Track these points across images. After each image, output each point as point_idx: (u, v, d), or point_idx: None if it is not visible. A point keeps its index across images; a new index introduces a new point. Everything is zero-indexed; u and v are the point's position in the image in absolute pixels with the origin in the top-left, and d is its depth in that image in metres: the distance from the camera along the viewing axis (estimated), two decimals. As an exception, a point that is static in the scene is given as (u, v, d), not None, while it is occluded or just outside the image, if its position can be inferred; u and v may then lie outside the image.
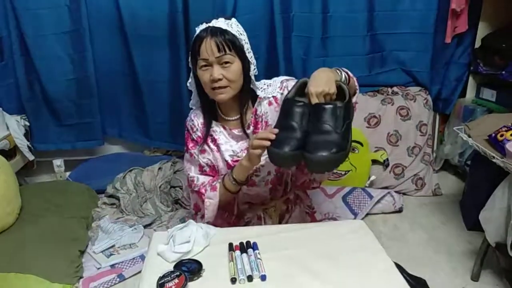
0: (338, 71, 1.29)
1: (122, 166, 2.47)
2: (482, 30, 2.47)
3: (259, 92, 1.39)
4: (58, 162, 2.66)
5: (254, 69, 1.36)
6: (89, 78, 2.46)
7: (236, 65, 1.29)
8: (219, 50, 1.24)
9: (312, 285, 0.98)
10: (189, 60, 1.34)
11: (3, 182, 1.87)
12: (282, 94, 1.39)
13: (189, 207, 2.25)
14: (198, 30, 1.29)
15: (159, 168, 2.42)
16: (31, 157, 2.45)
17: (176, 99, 2.54)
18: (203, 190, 1.38)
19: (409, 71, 2.54)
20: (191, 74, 1.36)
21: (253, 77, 1.36)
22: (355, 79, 1.36)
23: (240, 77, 1.31)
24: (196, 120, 1.43)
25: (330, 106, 1.14)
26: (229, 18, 1.31)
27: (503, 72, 2.30)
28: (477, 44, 2.51)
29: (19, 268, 1.65)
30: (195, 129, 1.42)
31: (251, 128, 1.39)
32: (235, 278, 0.99)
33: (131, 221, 2.17)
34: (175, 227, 1.18)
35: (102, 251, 1.91)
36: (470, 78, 2.61)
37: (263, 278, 0.99)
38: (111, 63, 2.52)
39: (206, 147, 1.41)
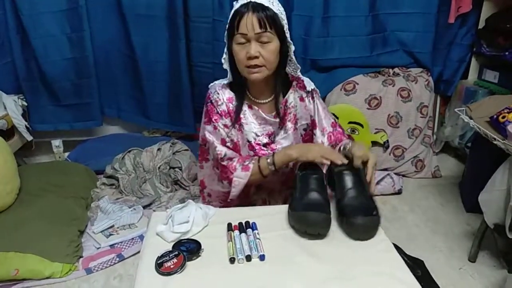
0: None
1: (121, 147, 2.46)
2: (486, 10, 2.44)
3: (298, 72, 1.37)
4: (56, 143, 2.65)
5: (293, 49, 1.32)
6: (87, 58, 2.44)
7: (274, 44, 1.24)
8: (260, 27, 1.20)
9: (310, 265, 0.98)
10: (225, 34, 1.28)
11: (1, 162, 1.86)
12: (310, 102, 1.40)
13: (188, 187, 2.26)
14: (237, 4, 1.24)
15: (158, 149, 2.41)
16: (29, 137, 2.44)
17: (175, 80, 2.51)
18: (232, 168, 1.33)
19: (411, 52, 2.51)
20: (225, 50, 1.30)
21: (293, 57, 1.33)
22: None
23: (276, 58, 1.27)
24: (222, 94, 1.36)
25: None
26: None
27: (507, 53, 2.28)
28: (481, 24, 2.47)
29: (18, 247, 1.66)
30: (220, 103, 1.35)
31: (278, 117, 1.37)
32: (233, 258, 0.99)
33: (130, 201, 2.17)
34: (174, 207, 1.17)
35: (101, 231, 1.91)
36: (473, 59, 2.59)
37: (261, 258, 0.99)
38: (109, 43, 2.49)
39: (229, 123, 1.36)
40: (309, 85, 1.40)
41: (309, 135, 1.44)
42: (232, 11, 1.25)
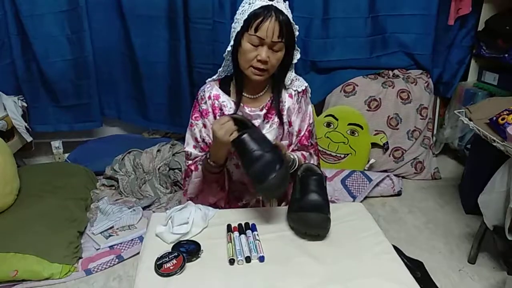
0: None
1: (121, 148, 2.46)
2: (486, 12, 2.44)
3: (288, 78, 1.39)
4: (56, 144, 2.65)
5: (298, 55, 1.35)
6: (87, 59, 2.43)
7: (282, 53, 1.27)
8: (278, 36, 1.21)
9: (310, 266, 0.98)
10: (234, 26, 1.26)
11: (1, 163, 1.86)
12: (297, 100, 1.41)
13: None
14: (255, 3, 1.21)
15: (158, 150, 2.41)
16: (29, 138, 2.43)
17: (175, 81, 2.51)
18: (192, 167, 1.38)
19: (411, 53, 2.51)
20: (231, 42, 1.29)
21: (293, 65, 1.37)
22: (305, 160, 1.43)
23: (278, 64, 1.29)
24: (208, 91, 1.38)
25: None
26: (285, 0, 1.27)
27: (506, 55, 2.28)
28: (481, 26, 2.47)
29: (18, 248, 1.65)
30: (203, 101, 1.38)
31: (264, 110, 1.38)
32: (233, 259, 0.99)
33: (129, 202, 2.17)
34: (173, 208, 1.18)
35: (101, 232, 1.91)
36: (472, 61, 2.59)
37: (261, 259, 0.99)
38: (109, 44, 2.49)
39: (208, 123, 1.37)
40: (301, 85, 1.42)
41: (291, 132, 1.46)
42: (248, 6, 1.22)
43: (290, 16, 1.24)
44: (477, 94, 2.44)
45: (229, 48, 1.31)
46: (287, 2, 1.27)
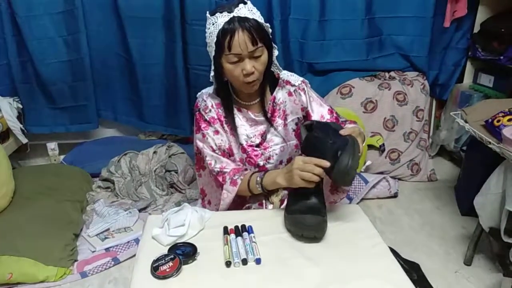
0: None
1: (117, 149, 2.45)
2: (482, 15, 2.45)
3: (282, 74, 1.38)
4: (52, 145, 2.64)
5: (276, 51, 1.33)
6: (83, 60, 2.43)
7: (265, 55, 1.25)
8: (252, 44, 1.19)
9: (306, 268, 0.98)
10: (211, 50, 1.27)
11: (-4, 164, 1.85)
12: (300, 95, 1.40)
13: (184, 191, 2.25)
14: (218, 21, 1.21)
15: (154, 152, 2.41)
16: (24, 140, 2.42)
17: (171, 83, 2.51)
18: (220, 179, 1.34)
19: (407, 55, 2.52)
20: (212, 66, 1.29)
21: (275, 60, 1.34)
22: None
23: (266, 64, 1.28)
24: (210, 101, 1.38)
25: None
26: (245, 2, 1.24)
27: (502, 58, 2.29)
28: (476, 29, 2.48)
29: (13, 251, 1.64)
30: (207, 110, 1.37)
31: (268, 115, 1.38)
32: (229, 262, 0.99)
33: (125, 204, 2.16)
34: (170, 210, 1.17)
35: (96, 235, 1.90)
36: (468, 64, 2.60)
37: (257, 261, 0.99)
38: (105, 45, 2.48)
39: (220, 129, 1.37)
40: (296, 79, 1.41)
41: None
42: (213, 27, 1.22)
43: (256, 16, 1.22)
44: (472, 96, 2.45)
45: (212, 74, 1.31)
46: (248, 2, 1.24)
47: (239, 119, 1.39)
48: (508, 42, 2.25)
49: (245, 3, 1.24)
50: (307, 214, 1.07)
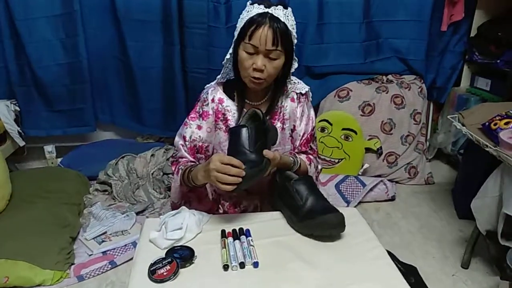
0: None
1: (114, 152, 2.45)
2: (478, 19, 2.47)
3: (290, 85, 1.39)
4: (49, 148, 2.63)
5: (296, 64, 1.34)
6: (81, 63, 2.43)
7: (281, 61, 1.25)
8: (272, 44, 1.19)
9: (304, 272, 0.97)
10: (234, 33, 1.25)
11: (-7, 167, 1.85)
12: (300, 102, 1.41)
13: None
14: (253, 10, 1.20)
15: (152, 155, 2.40)
16: (21, 142, 2.42)
17: (169, 86, 2.51)
18: (174, 168, 1.34)
19: (404, 59, 2.53)
20: (230, 50, 1.29)
21: (291, 76, 1.36)
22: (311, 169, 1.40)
23: (278, 72, 1.28)
24: (212, 94, 1.36)
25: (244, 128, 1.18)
26: (286, 7, 1.24)
27: (498, 61, 2.30)
28: (473, 32, 2.50)
29: (9, 254, 1.64)
30: (205, 103, 1.36)
31: (268, 116, 1.37)
32: (227, 265, 0.98)
33: (123, 208, 2.15)
34: (167, 213, 1.17)
35: (93, 238, 1.90)
36: (465, 67, 2.62)
37: (255, 265, 0.99)
38: (103, 48, 2.49)
39: (207, 125, 1.36)
40: (303, 87, 1.42)
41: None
42: (246, 14, 1.22)
43: (289, 23, 1.23)
44: (469, 99, 2.46)
45: (227, 56, 1.30)
46: (289, 9, 1.25)
47: (237, 118, 1.38)
48: (505, 46, 2.27)
49: (286, 7, 1.24)
50: (326, 214, 1.09)
